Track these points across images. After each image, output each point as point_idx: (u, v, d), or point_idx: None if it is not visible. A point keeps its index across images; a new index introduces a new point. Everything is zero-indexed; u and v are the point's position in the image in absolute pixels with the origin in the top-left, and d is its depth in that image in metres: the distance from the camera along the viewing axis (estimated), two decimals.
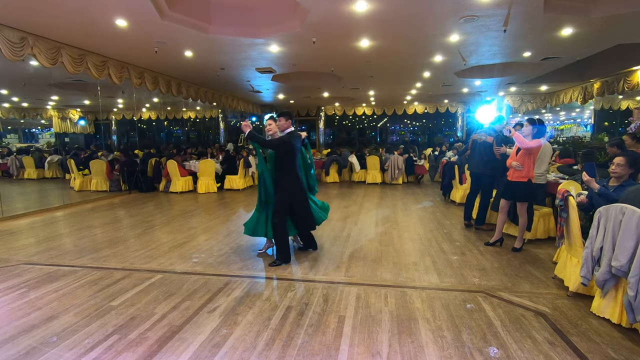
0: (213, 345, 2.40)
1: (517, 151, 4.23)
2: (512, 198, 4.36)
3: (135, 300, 3.09)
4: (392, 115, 17.87)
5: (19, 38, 5.49)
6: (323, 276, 3.61)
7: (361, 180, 11.05)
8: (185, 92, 10.00)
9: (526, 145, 4.04)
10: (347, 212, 6.75)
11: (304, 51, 7.18)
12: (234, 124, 19.13)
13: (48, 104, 14.72)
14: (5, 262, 4.12)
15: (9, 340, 2.47)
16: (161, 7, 4.98)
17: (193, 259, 4.16)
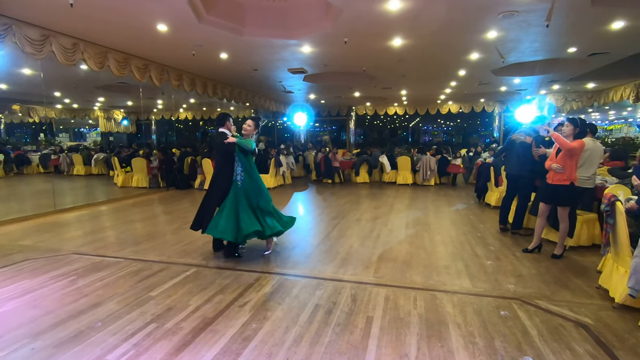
0: (243, 339, 2.48)
1: (557, 152, 4.02)
2: (552, 202, 4.15)
3: (171, 292, 3.24)
4: (424, 115, 17.46)
5: (72, 44, 5.92)
6: (352, 276, 3.62)
7: (392, 181, 10.91)
8: (220, 93, 10.33)
9: (567, 146, 3.82)
10: (377, 213, 6.70)
11: (336, 51, 7.20)
12: (266, 124, 19.50)
13: (95, 105, 15.75)
14: (57, 251, 4.47)
15: (60, 324, 2.68)
16: (199, 12, 5.18)
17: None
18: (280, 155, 10.72)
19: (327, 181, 11.19)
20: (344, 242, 4.82)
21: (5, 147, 13.91)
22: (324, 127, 21.07)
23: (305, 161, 13.23)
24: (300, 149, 14.71)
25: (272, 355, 2.29)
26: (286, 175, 11.06)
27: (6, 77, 9.14)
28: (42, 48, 5.45)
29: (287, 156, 11.50)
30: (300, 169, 13.10)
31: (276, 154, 10.48)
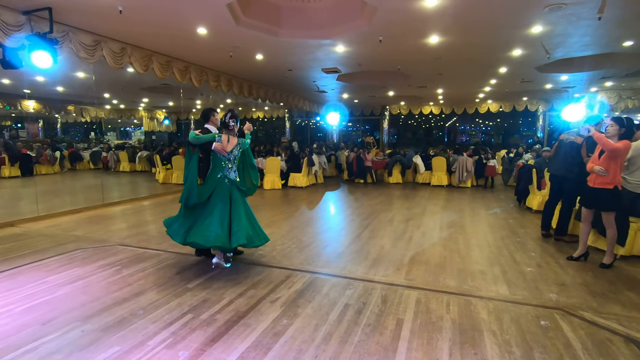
0: (274, 334, 2.53)
1: (600, 154, 3.74)
2: (593, 206, 3.87)
3: (207, 285, 3.38)
4: (462, 114, 16.85)
5: (120, 48, 6.31)
6: (382, 277, 3.58)
7: (426, 182, 10.65)
8: (255, 93, 10.58)
9: (610, 147, 3.55)
10: (410, 214, 6.57)
11: (370, 50, 7.14)
12: (299, 124, 19.72)
13: (140, 106, 16.69)
14: (105, 242, 4.79)
15: (106, 309, 2.88)
16: (237, 14, 5.34)
17: (258, 250, 4.41)
18: (313, 154, 10.80)
19: (359, 181, 11.12)
20: (375, 242, 4.78)
21: (61, 144, 15.08)
22: (356, 127, 20.97)
23: (338, 161, 13.23)
24: (332, 148, 14.74)
25: (302, 351, 2.32)
26: (318, 175, 11.13)
27: (63, 80, 9.91)
28: (94, 53, 5.86)
29: (319, 155, 11.57)
30: (332, 168, 13.12)
31: (308, 153, 10.57)
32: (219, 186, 3.71)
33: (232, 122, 3.75)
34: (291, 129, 18.83)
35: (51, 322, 2.68)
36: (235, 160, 3.83)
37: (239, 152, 3.84)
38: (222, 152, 3.68)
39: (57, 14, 4.97)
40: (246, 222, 3.68)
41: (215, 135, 3.69)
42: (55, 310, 2.85)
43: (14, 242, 4.81)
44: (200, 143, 3.67)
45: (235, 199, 3.74)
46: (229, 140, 3.72)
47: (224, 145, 3.68)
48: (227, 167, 3.76)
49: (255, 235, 3.76)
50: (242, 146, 3.85)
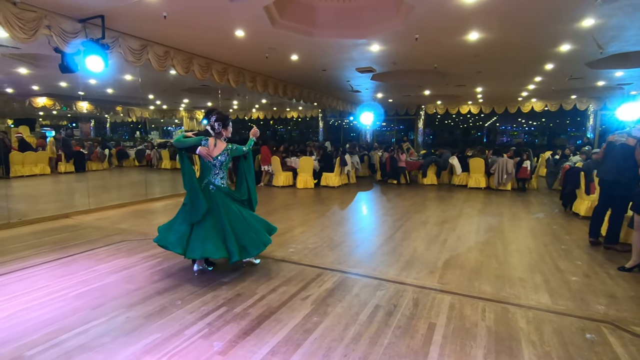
0: (304, 331, 2.57)
1: None
2: None
3: (241, 279, 3.48)
4: (502, 114, 16.10)
5: (164, 52, 6.65)
6: (414, 280, 3.52)
7: (462, 184, 10.29)
8: (290, 93, 10.74)
9: None
10: (445, 216, 6.39)
11: (406, 49, 7.01)
12: (332, 123, 19.76)
13: (180, 106, 17.47)
14: (148, 235, 5.08)
15: (148, 298, 3.06)
16: (273, 17, 5.45)
17: (290, 248, 4.48)
18: (346, 154, 10.78)
19: (392, 182, 10.96)
20: (408, 244, 4.70)
21: (109, 143, 16.15)
22: (390, 127, 20.67)
23: (371, 161, 13.12)
24: (365, 148, 14.63)
25: (331, 349, 2.34)
26: (351, 175, 11.09)
27: (112, 82, 10.61)
28: (141, 56, 6.22)
29: (352, 155, 11.53)
30: (365, 168, 13.03)
31: (341, 153, 10.57)
32: (207, 194, 3.49)
33: (217, 125, 3.51)
34: (324, 128, 18.91)
35: (100, 307, 2.89)
36: (223, 167, 3.56)
37: (227, 159, 3.56)
38: (207, 157, 3.45)
39: (109, 21, 5.33)
40: (242, 232, 3.47)
41: (202, 139, 3.45)
42: (104, 297, 3.08)
43: (69, 232, 5.22)
44: (184, 147, 3.46)
45: (227, 207, 3.51)
46: (216, 145, 3.49)
47: (210, 150, 3.45)
48: (214, 172, 3.53)
49: (252, 245, 3.49)
50: (230, 152, 3.57)
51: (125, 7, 4.82)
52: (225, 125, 3.58)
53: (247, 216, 3.64)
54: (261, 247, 3.58)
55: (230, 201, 3.60)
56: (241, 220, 3.55)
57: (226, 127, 3.60)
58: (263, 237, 3.61)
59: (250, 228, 3.56)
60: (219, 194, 3.54)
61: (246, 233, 3.50)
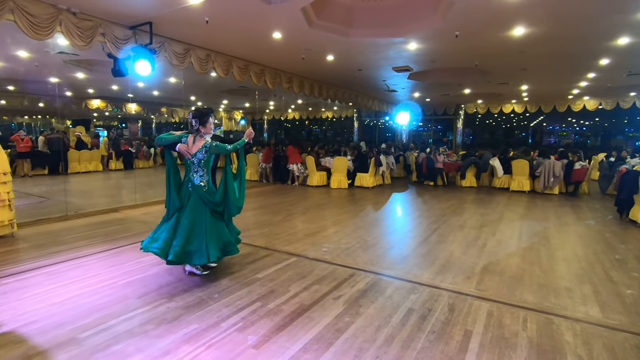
0: (336, 330, 2.58)
1: None
2: None
3: (274, 276, 3.56)
4: (550, 113, 15.14)
5: (205, 55, 6.94)
6: (450, 284, 3.41)
7: (504, 186, 9.81)
8: (325, 94, 10.79)
9: None
10: (484, 220, 6.13)
11: (445, 46, 6.80)
12: (367, 123, 19.60)
13: (220, 107, 18.12)
14: None
15: (187, 290, 3.21)
16: (310, 18, 5.51)
17: (323, 248, 4.51)
18: (381, 154, 10.65)
19: (428, 183, 10.68)
20: (444, 248, 4.56)
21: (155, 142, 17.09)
22: (428, 127, 20.12)
23: (406, 161, 12.86)
24: (401, 148, 14.37)
25: (363, 350, 2.33)
26: (385, 176, 10.95)
27: (158, 85, 11.22)
28: (184, 60, 6.53)
29: (387, 156, 11.37)
30: (401, 169, 12.80)
31: (376, 154, 10.45)
32: (185, 192, 3.52)
33: (194, 122, 3.45)
34: (359, 128, 18.79)
35: (144, 296, 3.08)
36: (202, 164, 3.48)
37: (205, 156, 3.46)
38: (185, 154, 3.45)
39: (156, 27, 5.64)
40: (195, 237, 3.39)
41: (183, 136, 3.46)
42: (148, 287, 3.27)
43: (117, 225, 5.60)
44: (165, 144, 3.50)
45: (196, 208, 3.45)
46: (195, 142, 3.44)
47: (189, 147, 3.44)
48: (193, 170, 3.49)
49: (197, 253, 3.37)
50: (209, 149, 3.44)
51: (171, 13, 5.09)
52: (202, 122, 3.45)
53: (210, 224, 3.47)
54: (203, 259, 3.35)
55: (203, 203, 3.50)
56: (201, 225, 3.43)
57: (204, 123, 3.46)
58: (212, 250, 3.38)
59: (204, 237, 3.40)
60: (194, 193, 3.49)
61: (198, 240, 3.40)
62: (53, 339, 2.42)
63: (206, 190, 3.49)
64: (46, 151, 11.64)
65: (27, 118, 14.89)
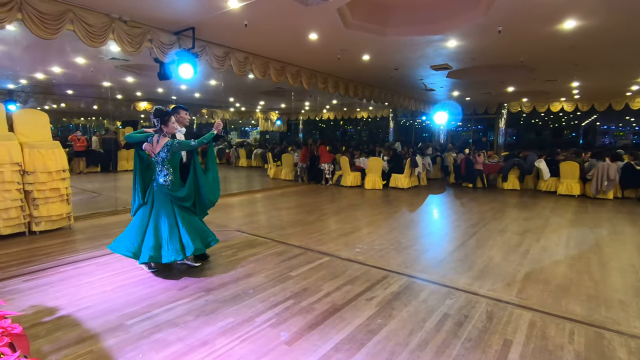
0: (368, 331, 2.56)
1: None
2: None
3: (307, 275, 3.60)
4: (604, 112, 14.00)
5: (244, 58, 7.15)
6: (489, 291, 3.27)
7: (550, 190, 9.23)
8: (360, 93, 10.73)
9: None
10: (528, 225, 5.81)
11: (487, 43, 6.52)
12: (403, 123, 19.24)
13: (257, 108, 18.57)
14: (225, 227, 5.52)
15: (224, 285, 3.33)
16: (346, 18, 5.51)
17: (356, 248, 4.49)
18: (417, 155, 10.42)
19: (467, 185, 10.29)
20: (483, 253, 4.38)
21: None
22: (467, 127, 19.38)
23: (444, 162, 12.48)
24: (438, 149, 13.96)
25: (395, 353, 2.30)
26: (421, 177, 10.69)
27: (199, 87, 11.72)
28: (224, 63, 6.77)
29: (423, 156, 11.10)
30: (438, 170, 12.44)
31: (412, 154, 10.23)
32: (151, 190, 3.56)
33: (156, 121, 3.45)
34: (395, 128, 18.48)
35: (184, 289, 3.23)
36: (165, 163, 3.46)
37: (167, 155, 3.43)
38: (151, 153, 3.47)
39: (198, 32, 5.90)
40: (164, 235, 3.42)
41: (149, 136, 3.49)
42: (188, 280, 3.43)
43: None
44: (133, 142, 3.55)
45: (161, 206, 3.49)
46: (158, 141, 3.44)
47: (153, 147, 3.45)
48: (157, 169, 3.50)
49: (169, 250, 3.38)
50: (171, 148, 3.41)
51: (213, 18, 5.30)
52: (163, 121, 3.44)
53: (181, 220, 3.49)
54: (175, 256, 3.38)
55: (169, 201, 3.51)
56: (170, 223, 3.46)
57: (165, 122, 3.45)
58: (188, 244, 3.42)
59: (175, 233, 3.43)
60: (158, 192, 3.52)
61: (174, 237, 3.42)
62: (104, 324, 2.61)
63: (170, 188, 3.48)
64: (99, 150, 12.56)
65: (82, 119, 16.11)
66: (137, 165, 3.63)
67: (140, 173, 3.62)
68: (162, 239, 3.43)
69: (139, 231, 3.47)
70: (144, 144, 3.49)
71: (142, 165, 3.64)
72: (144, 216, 3.52)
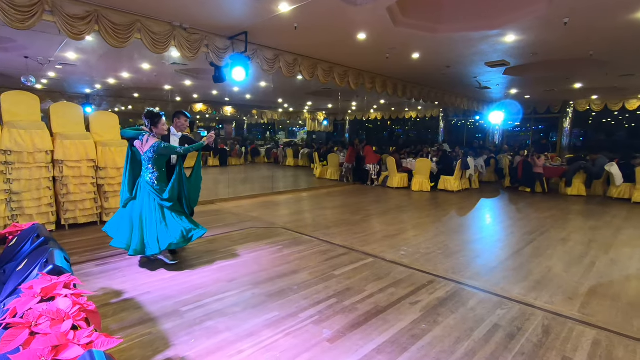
0: (411, 336, 2.51)
1: None
2: None
3: (351, 275, 3.61)
4: None
5: (293, 60, 7.31)
6: (546, 304, 3.04)
7: (623, 197, 8.32)
8: (409, 93, 10.47)
9: None
10: (594, 235, 5.30)
11: (550, 36, 6.04)
12: (454, 123, 18.46)
13: (304, 109, 18.89)
14: (272, 224, 5.70)
15: (270, 280, 3.45)
16: (396, 16, 5.41)
17: (401, 251, 4.41)
18: (468, 156, 9.94)
19: (524, 189, 9.62)
20: (541, 262, 4.08)
21: (246, 142, 18.61)
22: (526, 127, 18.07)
23: (498, 165, 11.77)
24: (492, 150, 13.20)
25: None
26: (473, 179, 10.18)
27: (250, 89, 12.19)
28: (274, 65, 6.99)
29: (476, 158, 10.56)
30: (491, 173, 11.77)
31: (463, 156, 9.79)
32: (138, 185, 3.72)
33: (147, 122, 3.64)
34: (445, 129, 17.77)
35: (233, 281, 3.40)
36: (152, 162, 3.62)
37: (154, 155, 3.59)
38: (140, 150, 3.66)
39: (250, 36, 6.14)
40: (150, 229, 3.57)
41: (141, 134, 3.65)
42: (237, 273, 3.60)
43: (213, 216, 6.26)
44: (126, 137, 3.73)
45: (147, 202, 3.63)
46: (148, 141, 3.61)
47: (142, 145, 3.63)
48: (144, 167, 3.67)
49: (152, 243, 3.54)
50: (157, 149, 3.57)
51: (264, 22, 5.49)
52: (154, 122, 3.63)
53: (161, 217, 3.63)
54: (154, 250, 3.53)
55: (153, 199, 3.66)
56: (155, 217, 3.61)
57: (155, 124, 3.64)
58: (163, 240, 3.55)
59: (155, 229, 3.58)
60: (144, 188, 3.67)
61: (152, 231, 3.57)
62: (162, 308, 2.84)
63: (154, 187, 3.64)
64: None
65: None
66: (128, 160, 3.79)
67: (131, 167, 3.79)
68: (145, 233, 3.59)
69: (128, 225, 3.64)
70: (135, 141, 3.67)
71: (133, 160, 3.80)
72: (133, 210, 3.68)
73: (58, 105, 5.49)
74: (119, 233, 3.65)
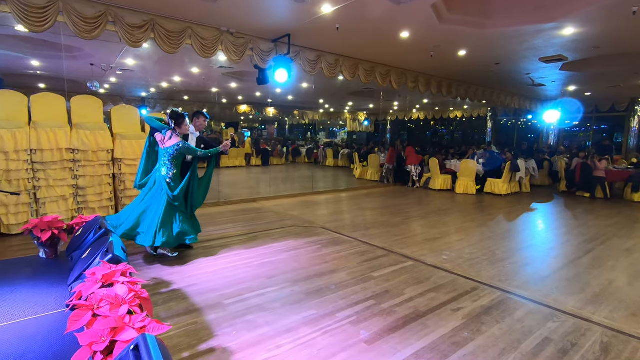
0: (452, 343, 2.43)
1: None
2: None
3: (390, 277, 3.56)
4: None
5: (334, 60, 7.34)
6: (605, 319, 2.80)
7: None
8: (454, 92, 10.08)
9: None
10: None
11: (615, 27, 5.53)
12: (503, 123, 17.47)
13: (345, 109, 18.87)
14: (312, 224, 5.76)
15: (309, 278, 3.50)
16: (441, 13, 5.25)
17: (443, 255, 4.27)
18: (518, 158, 9.37)
19: (582, 195, 8.88)
20: (600, 274, 3.75)
21: (288, 142, 18.98)
22: (586, 126, 16.65)
23: (553, 167, 10.97)
24: (546, 152, 12.32)
25: None
26: (524, 182, 9.58)
27: (292, 90, 12.42)
28: (316, 66, 7.06)
29: (527, 160, 9.93)
30: (545, 176, 11.00)
31: (513, 157, 9.24)
32: (153, 176, 3.89)
33: (171, 122, 3.82)
34: (493, 129, 16.88)
35: (273, 278, 3.49)
36: (171, 159, 3.78)
37: (175, 153, 3.76)
38: (160, 143, 3.81)
39: (293, 38, 6.26)
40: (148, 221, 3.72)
41: (165, 127, 3.81)
42: (276, 270, 3.70)
43: (254, 214, 6.46)
44: (151, 125, 3.86)
45: (156, 195, 3.79)
46: (171, 138, 3.76)
47: (164, 140, 3.77)
48: (162, 161, 3.81)
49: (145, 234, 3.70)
50: (179, 149, 3.75)
51: (306, 24, 5.58)
52: (178, 123, 3.81)
53: (166, 212, 3.74)
54: (148, 242, 3.67)
55: (164, 193, 3.79)
56: (157, 210, 3.74)
57: (179, 125, 3.82)
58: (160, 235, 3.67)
59: (157, 221, 3.70)
60: (158, 181, 3.83)
61: (149, 222, 3.72)
62: (206, 300, 2.99)
63: (169, 182, 3.79)
64: None
65: None
66: (146, 147, 4.03)
67: (147, 154, 4.03)
68: (143, 221, 3.76)
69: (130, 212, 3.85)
70: (157, 133, 3.86)
71: (150, 147, 4.03)
72: (141, 196, 3.91)
73: (118, 108, 5.97)
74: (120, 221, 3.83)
